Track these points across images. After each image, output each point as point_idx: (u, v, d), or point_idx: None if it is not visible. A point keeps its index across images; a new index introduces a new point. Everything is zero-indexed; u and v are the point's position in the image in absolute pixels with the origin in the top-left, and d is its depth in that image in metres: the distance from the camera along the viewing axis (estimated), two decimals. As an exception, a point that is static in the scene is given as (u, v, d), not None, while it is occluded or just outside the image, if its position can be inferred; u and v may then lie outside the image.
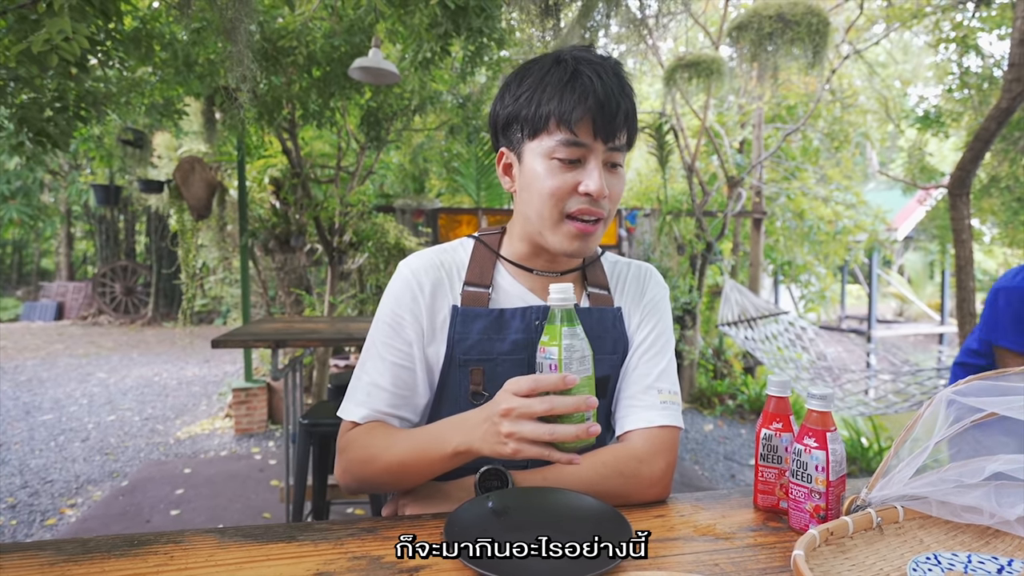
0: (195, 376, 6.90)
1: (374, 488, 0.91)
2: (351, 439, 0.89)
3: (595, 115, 0.81)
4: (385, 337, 0.91)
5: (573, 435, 0.69)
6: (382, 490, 0.92)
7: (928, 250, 10.70)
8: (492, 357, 0.90)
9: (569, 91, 0.82)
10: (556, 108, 0.82)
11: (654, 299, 1.00)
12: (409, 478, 0.86)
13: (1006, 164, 5.49)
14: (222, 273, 7.30)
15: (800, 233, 7.07)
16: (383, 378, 0.90)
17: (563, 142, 0.82)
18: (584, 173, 0.83)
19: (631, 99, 0.86)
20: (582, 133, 0.82)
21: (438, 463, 0.81)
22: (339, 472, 0.91)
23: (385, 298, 0.94)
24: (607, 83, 0.82)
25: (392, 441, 0.85)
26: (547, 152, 0.84)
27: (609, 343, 0.95)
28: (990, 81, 5.34)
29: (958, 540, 0.74)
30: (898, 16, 5.08)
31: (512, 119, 0.88)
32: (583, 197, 0.84)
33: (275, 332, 2.42)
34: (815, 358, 4.42)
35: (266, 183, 4.90)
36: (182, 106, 3.71)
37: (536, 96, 0.84)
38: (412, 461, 0.83)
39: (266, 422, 4.64)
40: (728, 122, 6.94)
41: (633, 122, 0.87)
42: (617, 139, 0.84)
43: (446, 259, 0.96)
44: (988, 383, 0.69)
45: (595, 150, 0.83)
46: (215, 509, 3.26)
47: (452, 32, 2.90)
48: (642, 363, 0.95)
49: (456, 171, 6.88)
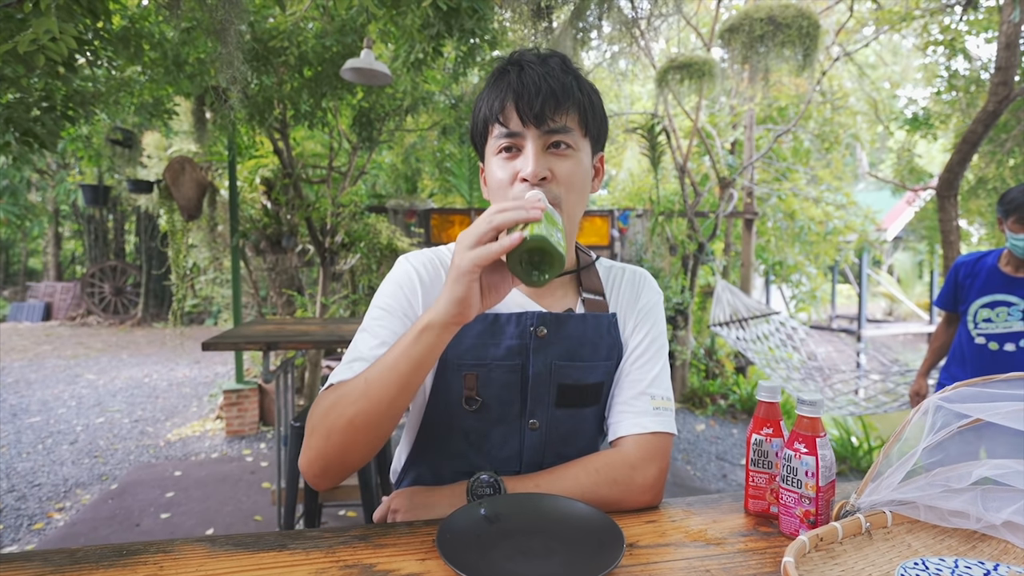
0: (185, 377, 6.85)
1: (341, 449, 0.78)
2: (318, 401, 0.82)
3: (516, 101, 0.84)
4: (378, 320, 0.90)
5: (512, 219, 0.68)
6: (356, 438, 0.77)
7: (917, 250, 10.80)
8: (486, 362, 0.90)
9: (494, 88, 0.87)
10: (486, 108, 0.87)
11: (648, 304, 1.01)
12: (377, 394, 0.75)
13: (993, 166, 5.56)
14: (212, 273, 7.26)
15: (791, 233, 7.12)
16: (371, 352, 0.85)
17: (499, 136, 0.86)
18: (520, 160, 0.86)
19: (562, 80, 0.85)
20: (511, 123, 0.85)
21: (403, 355, 0.74)
22: (305, 444, 0.81)
23: (383, 286, 0.94)
24: (529, 73, 0.84)
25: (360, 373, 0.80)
26: (493, 150, 0.88)
27: (604, 350, 0.95)
28: (977, 84, 5.40)
29: (945, 544, 0.74)
30: (887, 19, 5.12)
31: (473, 134, 0.95)
32: (523, 184, 0.84)
33: (266, 334, 2.41)
34: (806, 358, 4.45)
35: (257, 183, 4.87)
36: (172, 106, 3.68)
37: (477, 105, 0.90)
38: (375, 371, 0.76)
39: (257, 424, 4.62)
40: (720, 123, 6.98)
41: (574, 97, 0.86)
42: (551, 121, 0.84)
43: (444, 259, 0.97)
44: (974, 390, 0.70)
45: (527, 135, 0.84)
46: (206, 512, 3.24)
47: (444, 33, 2.90)
48: (635, 369, 0.96)
49: (449, 171, 6.88)
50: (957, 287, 2.36)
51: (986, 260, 2.29)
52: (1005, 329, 2.18)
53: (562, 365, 0.92)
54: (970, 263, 2.34)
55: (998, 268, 2.23)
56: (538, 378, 0.91)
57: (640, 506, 0.88)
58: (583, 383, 0.93)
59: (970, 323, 2.28)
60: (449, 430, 0.93)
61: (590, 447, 0.98)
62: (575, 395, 0.93)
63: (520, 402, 0.92)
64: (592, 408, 0.96)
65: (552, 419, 0.93)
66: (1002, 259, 2.23)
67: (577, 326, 0.93)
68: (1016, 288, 2.16)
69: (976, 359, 2.27)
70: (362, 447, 0.79)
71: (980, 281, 2.26)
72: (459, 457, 0.93)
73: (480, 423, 0.92)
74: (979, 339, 2.25)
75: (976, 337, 2.26)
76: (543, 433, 0.93)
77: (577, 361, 0.92)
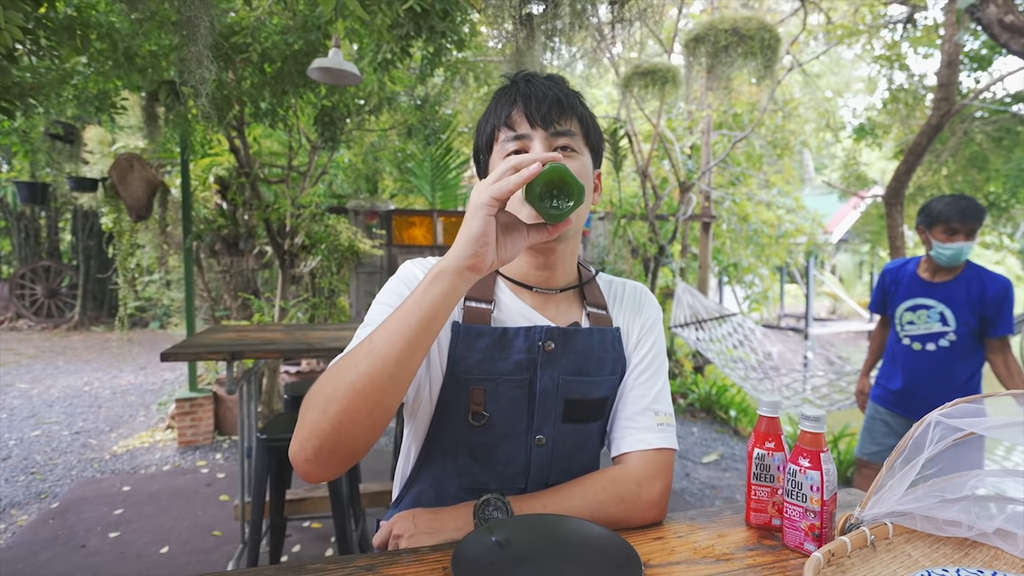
0: (131, 385, 6.51)
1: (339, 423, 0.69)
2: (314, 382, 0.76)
3: (524, 106, 0.87)
4: (381, 313, 0.86)
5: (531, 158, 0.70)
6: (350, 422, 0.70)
7: (859, 251, 11.36)
8: (494, 377, 0.89)
9: (502, 99, 0.90)
10: (494, 117, 0.90)
11: (651, 320, 1.02)
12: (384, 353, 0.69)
13: (930, 174, 5.90)
14: (159, 274, 6.92)
15: (745, 236, 7.36)
16: None
17: (506, 139, 0.88)
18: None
19: (566, 91, 0.90)
20: (519, 126, 0.88)
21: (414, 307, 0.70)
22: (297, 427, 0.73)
23: (385, 287, 0.93)
24: (536, 83, 0.89)
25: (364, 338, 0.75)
26: (499, 154, 0.89)
27: (609, 364, 0.95)
28: (914, 97, 5.72)
29: (941, 552, 0.77)
30: (836, 33, 5.36)
31: (477, 151, 0.96)
32: None
33: (229, 343, 2.31)
34: (762, 358, 4.60)
35: (211, 182, 4.66)
36: (120, 100, 3.48)
37: (483, 122, 0.93)
38: (381, 329, 0.71)
39: (213, 433, 4.43)
40: (677, 128, 7.14)
41: (576, 111, 0.90)
42: (557, 124, 0.87)
43: None
44: (971, 406, 0.73)
45: (535, 137, 0.87)
46: (159, 529, 3.08)
47: (413, 33, 2.84)
48: (638, 384, 0.96)
49: (410, 172, 6.78)
50: (885, 292, 2.53)
51: (908, 267, 2.45)
52: (926, 330, 2.34)
53: (569, 380, 0.91)
54: (895, 269, 2.51)
55: (918, 274, 2.39)
56: (545, 393, 0.90)
57: (646, 523, 0.88)
58: (589, 398, 0.93)
59: (897, 325, 2.45)
60: (454, 446, 0.91)
61: (593, 463, 0.98)
62: (581, 410, 0.93)
63: (527, 418, 0.91)
64: (597, 423, 0.96)
65: (559, 435, 0.93)
66: (921, 265, 2.40)
67: (584, 341, 0.93)
68: (934, 292, 2.33)
69: (904, 358, 2.44)
70: (364, 420, 0.70)
71: (904, 287, 2.43)
72: (464, 474, 0.91)
73: (486, 439, 0.90)
74: (905, 340, 2.41)
75: (903, 338, 2.42)
76: (549, 449, 0.92)
77: (584, 376, 0.92)
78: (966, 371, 2.32)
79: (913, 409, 2.42)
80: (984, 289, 2.24)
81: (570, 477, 0.92)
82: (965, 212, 2.17)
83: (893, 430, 2.51)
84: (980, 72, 5.41)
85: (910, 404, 2.42)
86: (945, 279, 2.31)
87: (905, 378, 2.42)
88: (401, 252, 5.80)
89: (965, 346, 2.29)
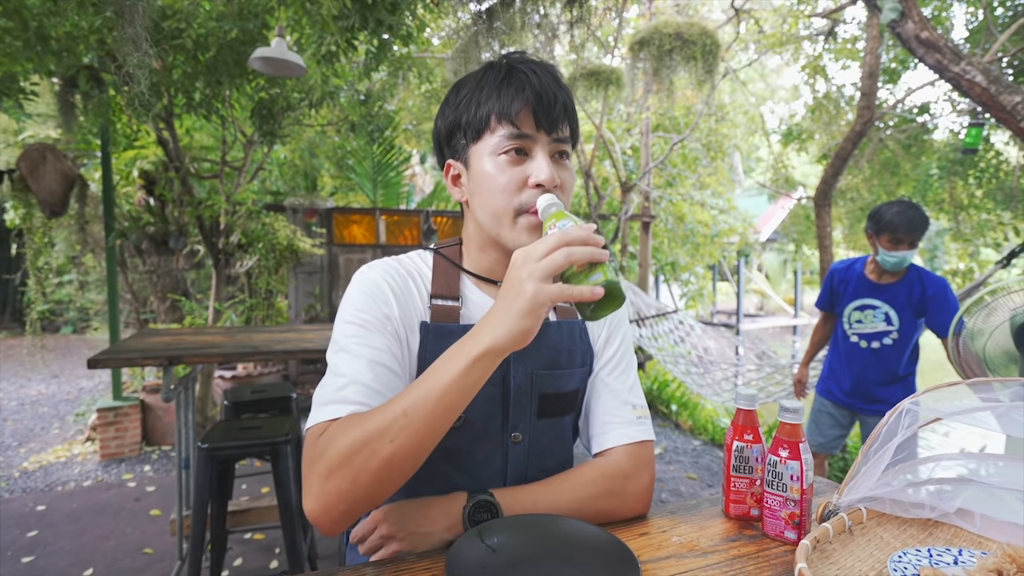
0: (41, 395, 5.99)
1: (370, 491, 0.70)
2: (329, 438, 0.72)
3: (534, 106, 0.81)
4: (356, 337, 0.81)
5: (589, 255, 0.65)
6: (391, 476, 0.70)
7: (785, 250, 12.03)
8: None
9: (506, 87, 0.82)
10: (496, 105, 0.82)
11: (618, 314, 1.02)
12: (421, 428, 0.68)
13: (849, 178, 6.32)
14: (73, 275, 6.39)
15: (681, 235, 7.63)
16: (361, 375, 0.77)
17: (507, 136, 0.82)
18: (532, 165, 0.82)
19: (568, 94, 0.87)
20: (524, 125, 0.82)
21: (456, 383, 0.68)
22: (318, 488, 0.70)
23: (348, 302, 0.85)
24: (543, 78, 0.83)
25: (387, 404, 0.71)
26: (493, 150, 0.83)
27: (578, 356, 0.95)
28: (836, 106, 6.11)
29: (908, 533, 0.82)
30: (767, 42, 5.64)
31: (454, 127, 0.87)
32: (535, 189, 0.81)
33: (166, 347, 2.15)
34: (701, 353, 4.78)
35: (135, 176, 4.35)
36: (29, 85, 3.17)
37: (475, 99, 0.84)
38: (417, 399, 0.69)
39: (140, 444, 4.13)
40: (617, 129, 7.31)
41: (573, 117, 0.88)
42: (560, 130, 0.84)
43: (410, 268, 0.91)
44: (939, 394, 0.78)
45: (540, 141, 0.82)
46: (81, 550, 2.84)
47: (358, 25, 2.75)
48: (612, 378, 0.96)
49: (350, 169, 6.60)
50: (833, 291, 2.67)
51: (855, 267, 2.60)
52: (872, 329, 2.50)
53: (543, 374, 0.91)
54: (843, 270, 2.65)
55: (865, 275, 2.54)
56: (520, 389, 0.89)
57: (633, 515, 0.89)
58: (563, 391, 0.93)
59: (845, 324, 2.59)
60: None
61: (568, 457, 0.98)
62: (556, 404, 0.93)
63: (502, 416, 0.89)
64: (569, 416, 0.96)
65: (534, 431, 0.92)
66: (868, 266, 2.55)
67: (554, 334, 0.92)
68: (880, 293, 2.48)
69: (849, 355, 2.58)
70: (396, 484, 0.72)
71: (852, 287, 2.57)
72: (439, 478, 0.88)
73: (462, 441, 0.88)
74: (853, 337, 2.56)
75: (850, 336, 2.57)
76: (526, 446, 0.91)
77: (557, 369, 0.92)
78: (906, 367, 2.49)
79: (857, 403, 2.57)
80: (924, 290, 2.40)
81: (547, 473, 0.91)
82: (911, 223, 2.30)
83: (838, 422, 2.66)
84: (891, 84, 5.85)
85: (855, 398, 2.57)
86: (890, 281, 2.46)
87: (851, 374, 2.56)
88: (342, 251, 5.64)
89: (906, 344, 2.45)
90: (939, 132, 6.00)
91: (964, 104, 5.15)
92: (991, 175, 5.37)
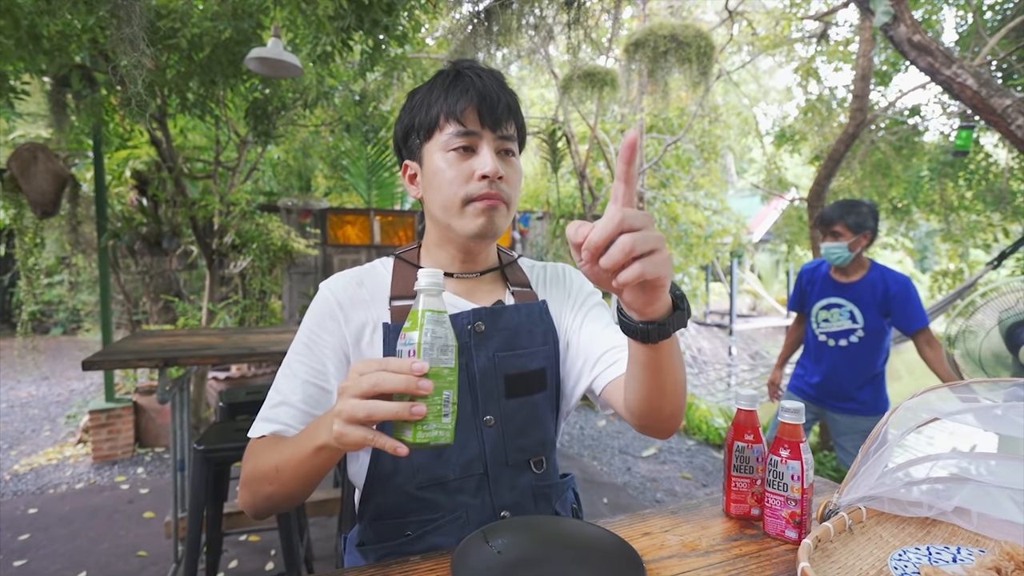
0: (32, 397, 5.93)
1: (270, 504, 0.82)
2: (248, 454, 0.86)
3: (479, 105, 0.88)
4: (299, 355, 0.91)
5: (394, 413, 0.61)
6: (277, 506, 0.82)
7: (777, 251, 12.10)
8: None
9: (453, 89, 0.90)
10: (444, 105, 0.89)
11: (583, 286, 1.06)
12: (288, 484, 0.78)
13: (841, 179, 6.36)
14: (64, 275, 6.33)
15: (675, 236, 7.65)
16: (293, 395, 0.88)
17: (455, 133, 0.89)
18: (478, 159, 0.89)
19: (513, 97, 0.93)
20: (470, 123, 0.89)
21: (305, 461, 0.73)
22: (240, 490, 0.85)
23: (304, 318, 0.95)
24: (487, 81, 0.90)
25: (277, 447, 0.80)
26: (443, 146, 0.90)
27: (539, 335, 0.98)
28: (828, 108, 6.15)
29: (907, 532, 0.83)
30: (761, 45, 5.68)
31: (409, 129, 0.95)
32: (481, 181, 0.88)
33: (161, 348, 2.14)
34: (695, 353, 4.80)
35: (127, 177, 4.31)
36: (21, 84, 3.15)
37: (426, 101, 0.92)
38: (284, 461, 0.77)
39: (133, 446, 4.10)
40: (611, 131, 7.32)
41: (518, 117, 0.95)
42: (504, 128, 0.91)
43: (366, 277, 0.97)
44: (936, 394, 0.79)
45: (485, 137, 0.89)
46: (74, 554, 2.82)
47: (354, 26, 2.75)
48: (601, 326, 0.99)
49: (344, 169, 6.57)
50: (802, 292, 2.71)
51: (822, 268, 2.63)
52: (839, 328, 2.53)
53: (504, 356, 0.94)
54: (810, 271, 2.69)
55: (830, 275, 2.58)
56: (484, 373, 0.93)
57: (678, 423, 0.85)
58: (527, 370, 0.96)
59: (814, 323, 2.63)
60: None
61: (548, 435, 1.00)
62: (522, 384, 0.95)
63: (471, 401, 0.92)
64: (541, 394, 0.98)
65: (505, 412, 0.94)
66: (832, 266, 2.58)
67: (512, 316, 0.96)
68: (844, 292, 2.52)
69: (818, 353, 2.61)
70: (288, 506, 0.83)
71: (818, 287, 2.61)
72: (421, 470, 0.91)
73: None
74: (821, 336, 2.59)
75: (819, 335, 2.60)
76: (500, 428, 0.94)
77: (518, 350, 0.95)
78: (874, 365, 2.51)
79: (827, 399, 2.59)
80: (887, 288, 2.43)
81: (526, 453, 0.95)
82: (831, 210, 2.42)
83: (808, 420, 2.68)
84: (882, 87, 5.90)
85: (824, 395, 2.60)
86: (853, 279, 2.50)
87: (820, 371, 2.60)
88: (336, 251, 5.62)
89: (872, 342, 2.48)
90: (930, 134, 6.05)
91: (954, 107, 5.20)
92: (981, 177, 5.42)
